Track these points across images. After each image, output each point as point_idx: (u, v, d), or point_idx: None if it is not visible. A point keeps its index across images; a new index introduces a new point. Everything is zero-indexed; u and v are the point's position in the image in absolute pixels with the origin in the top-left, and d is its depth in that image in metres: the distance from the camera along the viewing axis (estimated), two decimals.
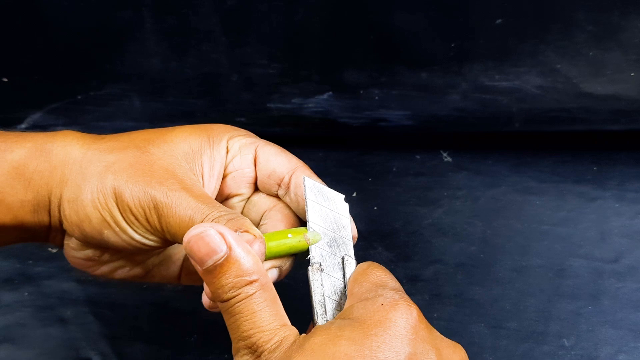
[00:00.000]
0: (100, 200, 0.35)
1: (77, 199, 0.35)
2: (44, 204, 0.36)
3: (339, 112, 0.61)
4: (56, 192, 0.36)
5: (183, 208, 0.34)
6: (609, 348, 0.47)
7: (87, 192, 0.35)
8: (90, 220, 0.35)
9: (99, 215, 0.35)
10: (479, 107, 0.59)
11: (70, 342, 0.49)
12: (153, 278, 0.41)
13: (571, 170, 0.61)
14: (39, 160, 0.36)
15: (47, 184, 0.36)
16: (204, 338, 0.49)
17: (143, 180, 0.35)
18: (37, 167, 0.36)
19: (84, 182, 0.35)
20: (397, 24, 0.56)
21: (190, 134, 0.38)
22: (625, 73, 0.56)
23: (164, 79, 0.59)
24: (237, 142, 0.39)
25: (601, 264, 0.53)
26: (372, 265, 0.37)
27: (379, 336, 0.31)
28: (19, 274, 0.54)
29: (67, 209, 0.36)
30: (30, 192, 0.36)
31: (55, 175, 0.36)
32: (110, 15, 0.57)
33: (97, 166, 0.36)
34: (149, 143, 0.37)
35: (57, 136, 0.37)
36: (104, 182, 0.35)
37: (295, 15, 0.57)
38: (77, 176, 0.36)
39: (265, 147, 0.39)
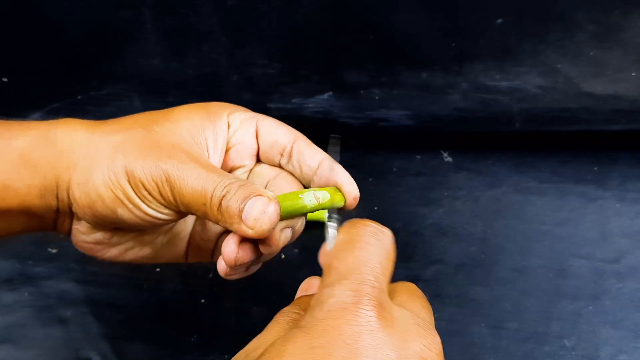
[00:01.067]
0: (112, 180, 0.36)
1: (87, 181, 0.36)
2: (52, 188, 0.37)
3: (339, 112, 0.61)
4: (64, 177, 0.37)
5: (194, 178, 0.35)
6: (610, 348, 0.47)
7: (97, 174, 0.36)
8: (103, 200, 0.36)
9: (112, 194, 0.36)
10: (480, 107, 0.59)
11: (71, 342, 0.49)
12: (161, 258, 0.42)
13: (572, 170, 0.61)
14: (45, 147, 0.37)
15: (54, 169, 0.37)
16: (204, 338, 0.49)
17: (153, 156, 0.36)
18: (43, 154, 0.37)
19: (93, 165, 0.36)
20: (398, 24, 0.56)
21: (191, 111, 0.39)
22: (626, 73, 0.56)
23: (164, 79, 0.59)
24: (238, 117, 0.41)
25: (602, 264, 0.53)
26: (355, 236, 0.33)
27: (322, 348, 0.28)
28: (19, 274, 0.54)
29: (77, 191, 0.36)
30: (37, 178, 0.36)
31: (62, 161, 0.37)
32: (111, 15, 0.57)
33: (105, 148, 0.37)
34: (153, 123, 0.38)
35: (60, 123, 0.38)
36: (114, 162, 0.36)
37: (295, 15, 0.57)
38: (86, 159, 0.36)
39: (266, 120, 0.41)
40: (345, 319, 0.29)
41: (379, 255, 0.32)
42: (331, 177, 0.39)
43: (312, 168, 0.40)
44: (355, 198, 0.39)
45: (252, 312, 0.51)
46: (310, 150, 0.40)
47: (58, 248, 0.56)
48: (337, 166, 0.40)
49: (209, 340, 0.49)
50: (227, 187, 0.35)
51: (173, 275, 0.54)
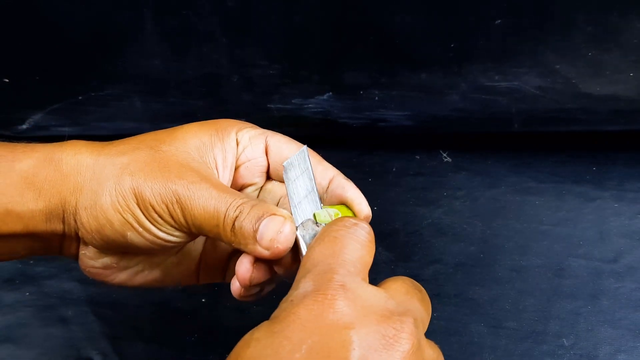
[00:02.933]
0: (120, 203, 0.35)
1: (95, 205, 0.35)
2: (57, 212, 0.36)
3: (339, 113, 0.61)
4: (70, 200, 0.36)
5: (206, 198, 0.35)
6: (608, 347, 0.47)
7: (105, 197, 0.35)
8: (112, 224, 0.35)
9: (121, 218, 0.35)
10: (479, 107, 0.59)
11: (71, 342, 0.49)
12: (172, 280, 0.41)
13: (570, 170, 0.61)
14: (49, 170, 0.36)
15: (59, 192, 0.36)
16: (204, 337, 0.49)
17: (162, 176, 0.35)
18: (47, 177, 0.36)
19: (100, 187, 0.35)
20: (397, 25, 0.56)
21: (199, 129, 0.38)
22: (624, 73, 0.56)
23: (165, 79, 0.59)
24: (247, 133, 0.40)
25: (600, 263, 0.53)
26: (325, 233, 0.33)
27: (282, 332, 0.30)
28: (20, 274, 0.54)
29: (84, 216, 0.35)
30: (41, 201, 0.35)
31: (68, 184, 0.36)
32: (111, 16, 0.57)
33: (112, 170, 0.35)
34: (160, 142, 0.37)
35: (65, 145, 0.37)
36: (122, 184, 0.35)
37: (295, 16, 0.57)
38: (92, 182, 0.35)
39: (275, 136, 0.40)
40: (304, 305, 0.30)
41: (348, 246, 0.32)
42: (343, 194, 0.39)
43: (323, 186, 0.39)
44: (367, 217, 0.39)
45: (252, 311, 0.51)
46: (321, 166, 0.40)
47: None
48: (348, 184, 0.39)
49: (210, 339, 0.49)
50: (240, 207, 0.35)
51: None
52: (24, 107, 0.60)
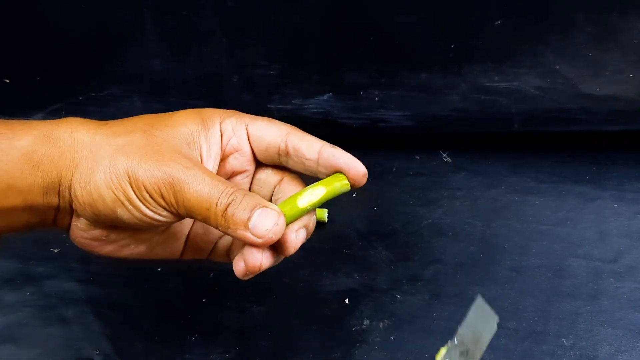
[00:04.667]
0: (113, 181, 0.37)
1: (89, 181, 0.37)
2: (54, 186, 0.38)
3: (339, 113, 0.61)
4: (66, 175, 0.37)
5: (199, 184, 0.37)
6: (608, 347, 0.47)
7: (99, 174, 0.37)
8: (103, 200, 0.37)
9: (113, 195, 0.37)
10: (479, 107, 0.59)
11: (72, 342, 0.49)
12: (156, 255, 0.42)
13: (570, 170, 0.61)
14: (47, 146, 0.37)
15: (56, 167, 0.37)
16: (204, 337, 0.49)
17: (156, 159, 0.37)
18: (46, 153, 0.37)
19: (95, 165, 0.37)
20: (397, 25, 0.56)
21: (186, 118, 0.40)
22: (624, 74, 0.56)
23: (165, 79, 0.59)
24: (229, 123, 0.41)
25: (600, 264, 0.53)
26: None
27: None
28: (20, 274, 0.54)
29: (78, 189, 0.37)
30: (39, 176, 0.37)
31: (65, 160, 0.37)
32: (111, 16, 0.57)
33: (107, 149, 0.37)
34: (152, 127, 0.39)
35: (63, 123, 0.39)
36: (116, 164, 0.37)
37: (295, 16, 0.57)
38: (88, 159, 0.37)
39: (255, 122, 0.42)
40: None
41: None
42: (335, 162, 0.40)
43: (314, 160, 0.40)
44: (364, 175, 0.40)
45: (253, 311, 0.51)
46: (304, 143, 0.41)
47: (60, 248, 0.56)
48: (337, 151, 0.41)
49: (210, 339, 0.49)
50: (232, 195, 0.37)
51: (174, 275, 0.54)
52: (24, 107, 0.60)
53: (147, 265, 0.55)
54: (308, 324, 0.50)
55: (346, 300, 0.51)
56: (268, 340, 0.49)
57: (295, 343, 0.48)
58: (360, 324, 0.49)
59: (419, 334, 0.48)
